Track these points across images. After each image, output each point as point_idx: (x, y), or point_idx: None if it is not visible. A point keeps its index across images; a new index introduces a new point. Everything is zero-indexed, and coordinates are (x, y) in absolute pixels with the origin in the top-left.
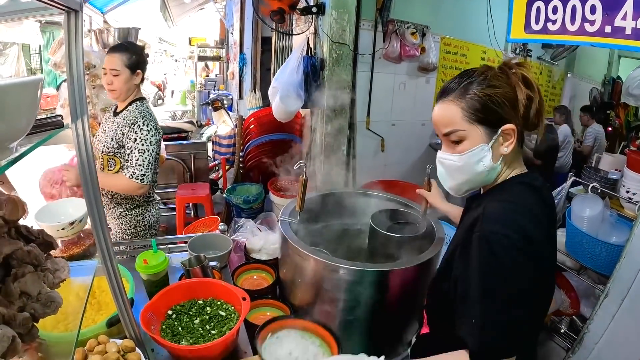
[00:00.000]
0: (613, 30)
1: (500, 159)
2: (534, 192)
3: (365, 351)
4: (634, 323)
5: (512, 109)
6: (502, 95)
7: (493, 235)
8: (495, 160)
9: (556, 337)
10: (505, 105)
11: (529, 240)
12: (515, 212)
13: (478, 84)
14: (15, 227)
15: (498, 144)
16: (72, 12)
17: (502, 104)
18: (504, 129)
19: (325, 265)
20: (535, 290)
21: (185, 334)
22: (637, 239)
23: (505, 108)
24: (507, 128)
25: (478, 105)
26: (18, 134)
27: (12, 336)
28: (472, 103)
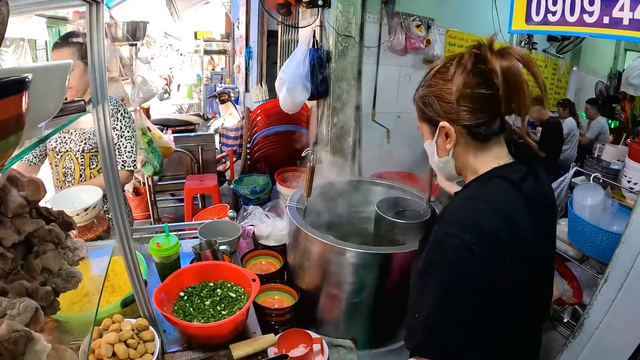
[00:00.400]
0: (611, 22)
1: (450, 153)
2: (511, 186)
3: (371, 334)
4: (633, 308)
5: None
6: (435, 95)
7: (446, 236)
8: (442, 155)
9: (559, 326)
10: (440, 103)
11: (487, 240)
12: (476, 212)
13: (421, 84)
14: (36, 209)
15: (442, 140)
16: (94, 4)
17: (435, 103)
18: (440, 126)
19: (332, 248)
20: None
21: (196, 315)
22: (636, 225)
23: (439, 105)
24: (441, 125)
25: (419, 104)
26: (47, 114)
27: (35, 307)
28: (417, 103)
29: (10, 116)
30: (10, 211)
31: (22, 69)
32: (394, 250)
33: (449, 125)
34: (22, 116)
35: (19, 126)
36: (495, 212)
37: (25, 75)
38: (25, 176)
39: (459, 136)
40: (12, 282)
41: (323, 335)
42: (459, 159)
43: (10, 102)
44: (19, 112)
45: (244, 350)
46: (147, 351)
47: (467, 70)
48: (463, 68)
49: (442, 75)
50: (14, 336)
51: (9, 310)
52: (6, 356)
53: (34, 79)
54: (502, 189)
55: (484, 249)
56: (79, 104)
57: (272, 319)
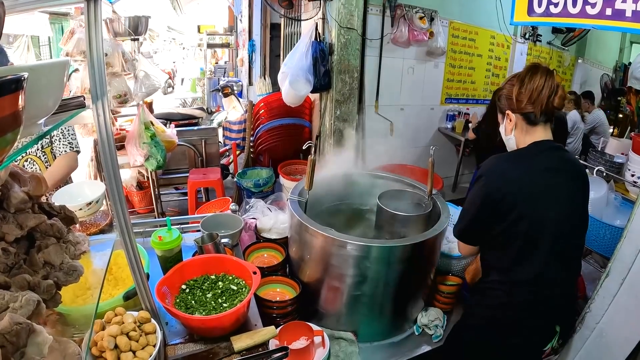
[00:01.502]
0: (614, 13)
1: (511, 132)
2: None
3: (372, 327)
4: (634, 302)
5: (511, 101)
6: (504, 94)
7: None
8: (507, 134)
9: None
10: (505, 100)
11: (493, 177)
12: (499, 159)
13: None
14: (38, 204)
15: (507, 124)
16: (92, 1)
17: (504, 99)
18: (506, 113)
19: (333, 241)
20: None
21: (198, 307)
22: (638, 219)
23: (505, 101)
24: (507, 112)
25: (497, 100)
26: (46, 111)
27: (36, 300)
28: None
29: (7, 114)
30: (12, 206)
31: (19, 68)
32: (396, 243)
33: (512, 113)
34: (19, 114)
35: (16, 124)
36: (511, 163)
37: (21, 74)
38: (27, 172)
39: (519, 121)
40: (15, 276)
41: (324, 328)
42: (518, 136)
43: (6, 101)
44: (15, 110)
45: (245, 342)
46: (149, 343)
47: (520, 80)
48: (519, 80)
49: (510, 82)
50: (15, 329)
51: (11, 304)
52: (8, 348)
53: (32, 77)
54: (524, 155)
55: (493, 182)
56: (79, 100)
57: (274, 311)
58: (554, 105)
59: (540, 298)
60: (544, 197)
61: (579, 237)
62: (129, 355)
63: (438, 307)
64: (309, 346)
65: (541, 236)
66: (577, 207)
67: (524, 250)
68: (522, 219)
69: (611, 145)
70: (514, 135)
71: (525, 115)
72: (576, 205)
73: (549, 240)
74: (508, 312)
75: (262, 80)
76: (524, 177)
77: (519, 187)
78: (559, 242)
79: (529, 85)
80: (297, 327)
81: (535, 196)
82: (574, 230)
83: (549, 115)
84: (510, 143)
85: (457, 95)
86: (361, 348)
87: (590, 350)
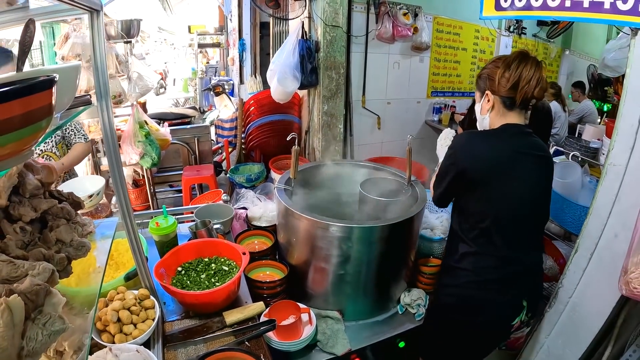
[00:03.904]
0: (572, 5)
1: (487, 113)
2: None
3: (357, 306)
4: (603, 275)
5: (493, 82)
6: (487, 74)
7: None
8: (482, 113)
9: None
10: (487, 80)
11: (463, 151)
12: (470, 135)
13: (483, 68)
14: (48, 191)
15: (484, 103)
16: (95, 12)
17: (486, 79)
18: (486, 93)
19: (318, 223)
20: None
21: (193, 286)
22: (602, 196)
23: (487, 82)
24: (486, 93)
25: (478, 79)
26: (62, 106)
27: (52, 269)
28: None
29: (45, 105)
30: (27, 192)
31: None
32: (375, 224)
33: (491, 94)
34: (52, 106)
35: (49, 113)
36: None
37: (54, 75)
38: (39, 162)
39: (496, 103)
40: (31, 251)
41: (312, 308)
42: (493, 117)
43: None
44: (49, 103)
45: (236, 316)
46: (149, 317)
47: (508, 66)
48: (505, 64)
49: (495, 63)
50: (35, 289)
51: (30, 271)
52: (29, 305)
53: None
54: (493, 134)
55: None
56: (85, 98)
57: (264, 291)
58: (535, 95)
59: (505, 276)
60: (510, 177)
61: (541, 217)
62: (130, 327)
63: (420, 288)
64: (297, 323)
65: (506, 214)
66: (541, 190)
67: (490, 227)
68: (487, 195)
69: (588, 131)
70: (489, 115)
71: (504, 99)
72: (540, 188)
73: (513, 219)
74: (476, 291)
75: (253, 79)
76: (492, 154)
77: (486, 164)
78: (522, 221)
79: (515, 72)
80: (286, 306)
81: (501, 174)
82: (537, 210)
83: (526, 103)
84: (484, 123)
85: (442, 88)
86: (347, 326)
87: (565, 324)
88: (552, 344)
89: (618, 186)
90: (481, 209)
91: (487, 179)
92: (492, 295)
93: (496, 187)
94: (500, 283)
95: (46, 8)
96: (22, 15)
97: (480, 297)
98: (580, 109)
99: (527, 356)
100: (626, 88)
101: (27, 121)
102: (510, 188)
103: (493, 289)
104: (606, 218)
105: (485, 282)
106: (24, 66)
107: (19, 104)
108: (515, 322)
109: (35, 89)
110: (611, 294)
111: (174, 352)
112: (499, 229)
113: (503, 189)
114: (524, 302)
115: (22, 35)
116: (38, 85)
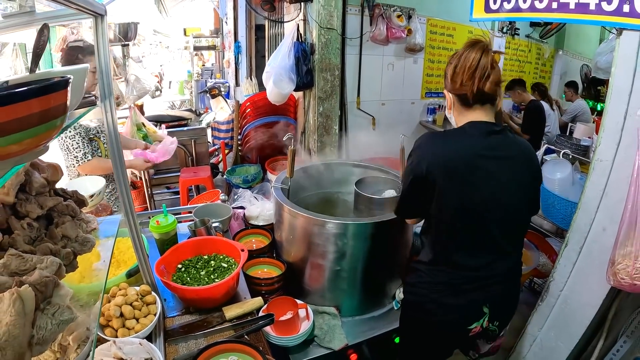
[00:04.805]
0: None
1: (450, 112)
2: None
3: (353, 302)
4: (592, 268)
5: (446, 80)
6: (444, 72)
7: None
8: (448, 112)
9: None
10: (443, 78)
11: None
12: (431, 136)
13: None
14: (53, 189)
15: (447, 102)
16: (99, 17)
17: (445, 78)
18: (445, 92)
19: (314, 221)
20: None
21: (193, 283)
22: (590, 191)
23: (444, 79)
24: (445, 92)
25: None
26: (71, 106)
27: (59, 263)
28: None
29: (60, 104)
30: (34, 190)
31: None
32: (369, 220)
33: (448, 93)
34: (66, 105)
35: (64, 112)
36: (440, 141)
37: (68, 76)
38: (44, 161)
39: (454, 101)
40: (38, 246)
41: (309, 304)
42: (456, 116)
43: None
44: (64, 102)
45: (235, 311)
46: (150, 312)
47: (457, 59)
48: (456, 59)
49: (450, 59)
50: (44, 280)
51: (38, 264)
52: (38, 296)
53: None
54: (454, 134)
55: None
56: (90, 99)
57: (262, 288)
58: (484, 89)
59: (457, 280)
60: (467, 182)
61: (513, 221)
62: (132, 322)
63: None
64: (294, 318)
65: (461, 220)
66: (511, 192)
67: (445, 233)
68: (443, 200)
69: (579, 129)
70: (452, 114)
71: (458, 97)
72: (510, 191)
73: (470, 226)
74: (429, 290)
75: (249, 81)
76: (450, 155)
77: (444, 165)
78: (483, 228)
79: (462, 64)
80: (284, 302)
81: (461, 176)
82: (507, 215)
83: (484, 99)
84: (452, 122)
85: (437, 89)
86: (343, 322)
87: (557, 317)
88: (544, 336)
89: (605, 181)
90: (437, 214)
91: (442, 180)
92: (445, 298)
93: (452, 192)
94: (451, 287)
95: (52, 12)
96: (29, 19)
97: (434, 298)
98: (574, 108)
99: (520, 350)
100: (612, 86)
101: (43, 119)
102: (468, 194)
103: (445, 292)
104: (594, 212)
105: (438, 284)
106: (37, 68)
107: (38, 102)
108: (474, 327)
109: (52, 89)
110: (601, 286)
111: (175, 346)
112: (453, 235)
113: (459, 194)
114: (485, 308)
115: (36, 39)
116: (55, 86)
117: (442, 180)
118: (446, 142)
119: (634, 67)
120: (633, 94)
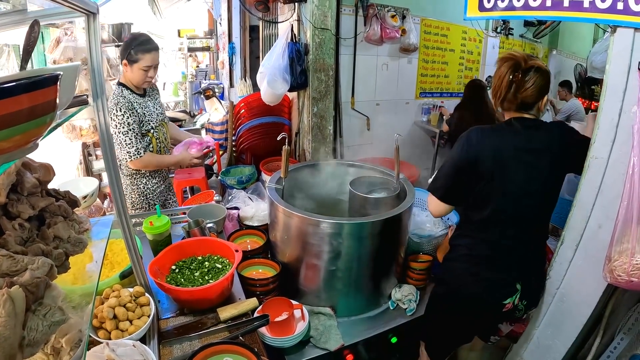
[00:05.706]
0: (553, 4)
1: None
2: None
3: (349, 302)
4: (589, 266)
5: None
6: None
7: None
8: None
9: None
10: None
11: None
12: (479, 128)
13: None
14: (45, 189)
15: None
16: (91, 15)
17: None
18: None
19: (309, 220)
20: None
21: (187, 284)
22: (585, 189)
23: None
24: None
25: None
26: (61, 106)
27: (50, 264)
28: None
29: (49, 100)
30: (26, 190)
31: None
32: (364, 220)
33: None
34: (55, 102)
35: (53, 109)
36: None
37: (58, 72)
38: (36, 161)
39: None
40: (30, 247)
41: (305, 305)
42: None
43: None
44: (53, 98)
45: (230, 312)
46: (144, 314)
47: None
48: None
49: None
50: (35, 281)
51: (29, 265)
52: (30, 298)
53: None
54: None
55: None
56: (82, 98)
57: (257, 289)
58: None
59: (498, 255)
60: (509, 172)
61: (541, 206)
62: (126, 324)
63: (411, 284)
64: (290, 319)
65: (503, 208)
66: (542, 181)
67: (491, 212)
68: (490, 184)
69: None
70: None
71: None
72: (540, 180)
73: (510, 212)
74: (468, 264)
75: (243, 82)
76: (497, 145)
77: (492, 153)
78: (520, 214)
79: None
80: (279, 303)
81: (505, 164)
82: (537, 201)
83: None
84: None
85: (431, 89)
86: (339, 322)
87: (554, 315)
88: (541, 334)
89: (600, 179)
90: (481, 197)
91: (490, 167)
92: (484, 272)
93: (498, 175)
94: (491, 260)
95: (44, 11)
96: (21, 18)
97: (472, 270)
98: (568, 107)
99: (517, 348)
100: (606, 83)
101: (32, 115)
102: (510, 183)
103: (483, 264)
104: (590, 210)
105: (477, 257)
106: (27, 65)
107: (27, 98)
108: (507, 302)
109: (41, 85)
110: (597, 284)
111: (170, 348)
112: (494, 215)
113: (505, 178)
114: (518, 285)
115: (27, 35)
116: (44, 81)
117: (490, 165)
118: (494, 134)
119: (628, 64)
120: (627, 91)
